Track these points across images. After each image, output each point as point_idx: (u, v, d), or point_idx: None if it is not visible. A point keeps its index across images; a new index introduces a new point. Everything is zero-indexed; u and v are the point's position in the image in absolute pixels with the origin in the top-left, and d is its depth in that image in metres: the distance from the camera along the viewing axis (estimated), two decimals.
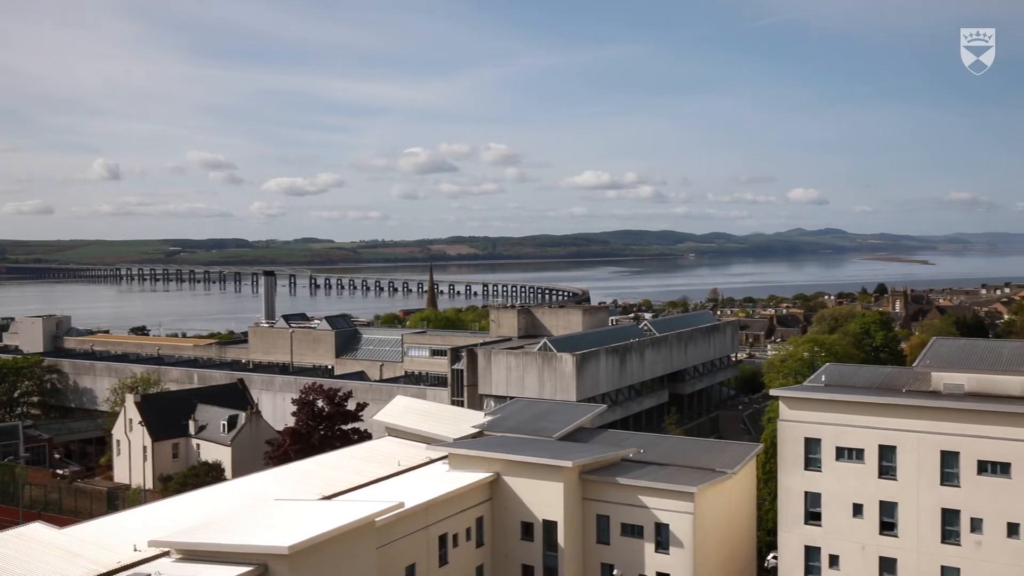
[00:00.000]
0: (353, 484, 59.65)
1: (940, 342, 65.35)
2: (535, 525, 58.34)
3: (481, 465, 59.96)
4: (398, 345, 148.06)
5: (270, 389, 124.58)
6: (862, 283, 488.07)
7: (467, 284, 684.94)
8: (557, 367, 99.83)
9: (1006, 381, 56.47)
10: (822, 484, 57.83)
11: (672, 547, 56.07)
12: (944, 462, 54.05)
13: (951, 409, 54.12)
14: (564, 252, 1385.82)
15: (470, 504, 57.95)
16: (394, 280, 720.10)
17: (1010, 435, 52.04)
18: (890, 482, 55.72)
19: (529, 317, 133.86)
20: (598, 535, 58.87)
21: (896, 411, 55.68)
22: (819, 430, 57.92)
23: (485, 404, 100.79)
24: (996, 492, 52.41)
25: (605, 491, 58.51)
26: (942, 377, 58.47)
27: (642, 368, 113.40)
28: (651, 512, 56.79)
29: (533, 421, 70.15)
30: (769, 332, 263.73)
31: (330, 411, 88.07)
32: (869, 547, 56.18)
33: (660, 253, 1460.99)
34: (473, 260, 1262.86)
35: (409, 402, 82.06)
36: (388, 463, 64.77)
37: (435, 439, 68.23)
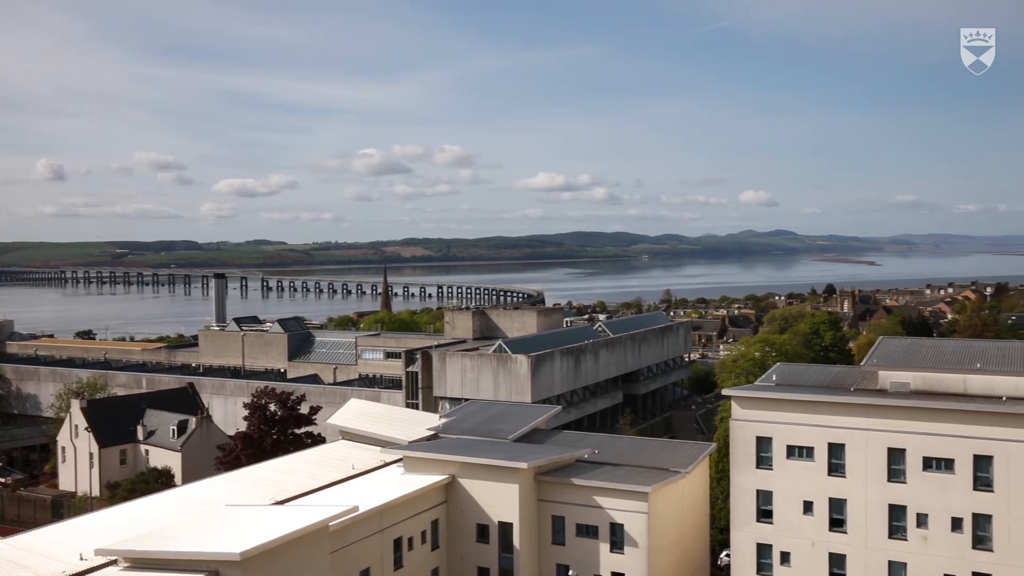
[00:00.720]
0: (307, 488, 59.01)
1: (887, 342, 66.77)
2: (491, 527, 58.26)
3: (436, 468, 59.72)
4: (352, 348, 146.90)
5: (221, 393, 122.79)
6: (811, 284, 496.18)
7: (421, 286, 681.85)
8: (512, 369, 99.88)
9: (950, 379, 57.84)
10: (773, 482, 58.65)
11: (627, 547, 56.41)
12: (891, 459, 55.15)
13: (897, 407, 55.25)
14: (519, 254, 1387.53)
15: (425, 507, 57.69)
16: (348, 282, 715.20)
17: (953, 432, 53.31)
18: (839, 479, 56.70)
19: (484, 319, 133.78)
20: (553, 536, 58.99)
21: (844, 409, 56.69)
22: (770, 429, 58.73)
23: (440, 406, 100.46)
24: (941, 488, 53.64)
25: (560, 492, 58.66)
26: (889, 376, 59.68)
27: (596, 369, 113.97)
28: (606, 512, 57.09)
29: (488, 423, 70.10)
30: (721, 332, 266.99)
31: (283, 415, 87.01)
32: (819, 544, 57.13)
33: (614, 255, 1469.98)
34: (427, 262, 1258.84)
35: (363, 405, 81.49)
36: (342, 467, 64.20)
37: (390, 442, 67.80)
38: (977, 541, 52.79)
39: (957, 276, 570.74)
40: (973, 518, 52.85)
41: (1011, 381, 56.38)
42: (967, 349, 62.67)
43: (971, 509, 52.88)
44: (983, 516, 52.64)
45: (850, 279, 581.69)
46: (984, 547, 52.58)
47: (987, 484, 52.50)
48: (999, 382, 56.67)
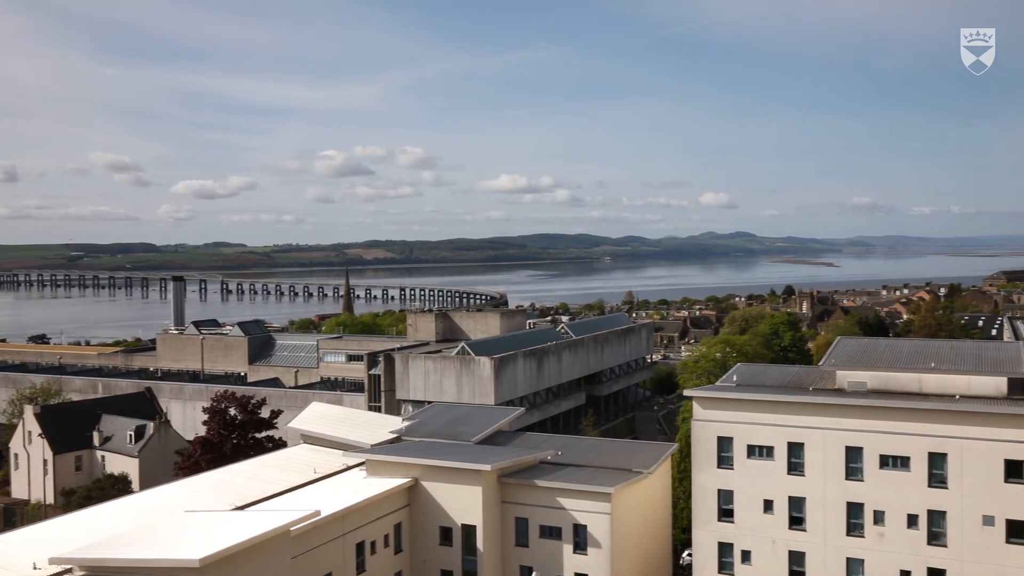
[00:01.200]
0: (267, 493, 58.39)
1: (844, 342, 67.80)
2: (454, 530, 58.12)
3: (399, 471, 59.45)
4: (313, 351, 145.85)
5: (180, 398, 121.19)
6: (771, 285, 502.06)
7: (384, 288, 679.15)
8: (475, 371, 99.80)
9: (905, 378, 58.87)
10: (734, 481, 59.23)
11: (590, 547, 56.60)
12: (849, 457, 55.97)
13: (854, 406, 56.09)
14: (481, 256, 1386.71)
15: (388, 510, 57.39)
16: (309, 285, 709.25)
17: (909, 430, 54.26)
18: (799, 478, 57.41)
19: (447, 321, 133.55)
20: (517, 538, 58.99)
21: (803, 409, 57.42)
22: (731, 429, 59.31)
23: (403, 409, 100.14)
24: (897, 485, 54.56)
25: (524, 494, 58.69)
26: (846, 375, 60.59)
27: (559, 371, 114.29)
28: (569, 513, 57.22)
29: (451, 425, 69.95)
30: (683, 333, 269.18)
31: (243, 419, 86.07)
32: (779, 541, 57.79)
33: (577, 256, 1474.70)
34: (390, 264, 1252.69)
35: (325, 408, 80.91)
36: (304, 471, 63.63)
37: (352, 445, 67.37)
38: (932, 537, 53.76)
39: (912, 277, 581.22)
40: (928, 514, 53.82)
41: (964, 380, 57.52)
42: (922, 349, 63.84)
43: (926, 506, 53.84)
44: (937, 512, 53.63)
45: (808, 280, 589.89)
46: (939, 543, 53.57)
47: (941, 481, 53.50)
48: (952, 381, 57.79)
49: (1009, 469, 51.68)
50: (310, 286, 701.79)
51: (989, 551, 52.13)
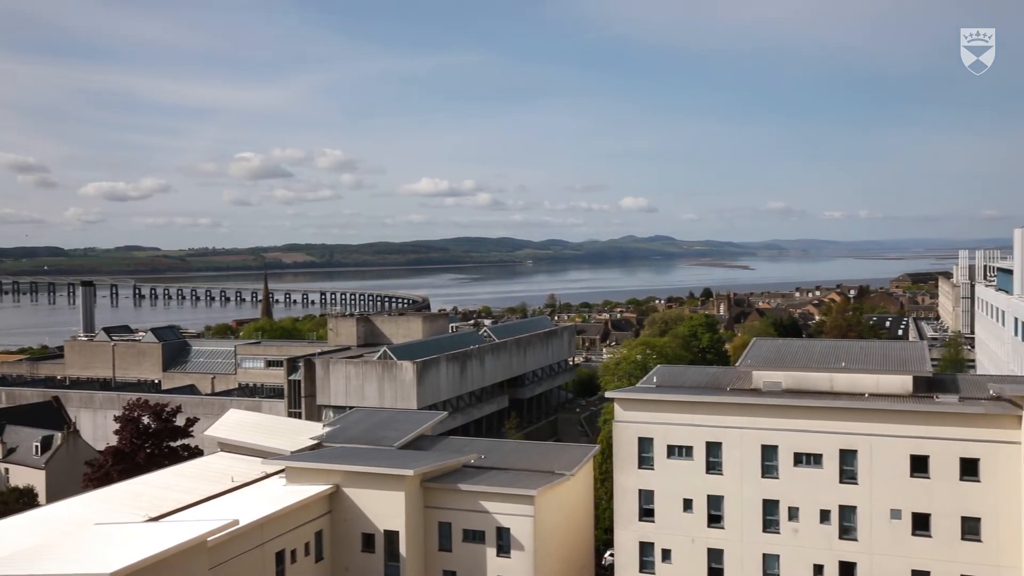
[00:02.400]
0: (183, 503, 56.81)
1: (760, 343, 69.47)
2: (376, 536, 57.54)
3: (320, 477, 58.59)
4: (231, 356, 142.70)
5: (90, 407, 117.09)
6: (690, 287, 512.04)
7: (304, 292, 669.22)
8: (397, 375, 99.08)
9: (817, 378, 60.68)
10: (655, 481, 60.12)
11: (513, 550, 56.71)
12: (764, 456, 57.41)
13: (770, 406, 57.56)
14: (403, 259, 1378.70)
15: (308, 518, 56.48)
16: (226, 289, 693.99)
17: (821, 428, 55.96)
18: (717, 477, 58.62)
19: (368, 325, 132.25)
20: (440, 542, 58.74)
21: (721, 409, 58.67)
22: (651, 430, 60.19)
23: (324, 415, 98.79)
24: (810, 482, 56.19)
25: (447, 498, 58.47)
26: (762, 376, 62.12)
27: (482, 374, 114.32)
28: (492, 517, 57.23)
29: (373, 430, 69.28)
30: (604, 336, 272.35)
31: (157, 427, 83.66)
32: (698, 540, 58.88)
33: (499, 260, 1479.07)
34: (310, 268, 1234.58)
35: (243, 415, 79.15)
36: (221, 480, 62.14)
37: (271, 453, 66.12)
38: (843, 532, 55.55)
39: (823, 279, 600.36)
40: (840, 510, 55.57)
41: (872, 379, 59.60)
42: (833, 349, 65.88)
43: (838, 501, 55.59)
44: (849, 507, 55.42)
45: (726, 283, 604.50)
46: (850, 537, 55.37)
47: (852, 477, 55.32)
48: (862, 380, 59.81)
49: (914, 464, 53.76)
50: (227, 291, 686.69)
51: (896, 543, 54.13)
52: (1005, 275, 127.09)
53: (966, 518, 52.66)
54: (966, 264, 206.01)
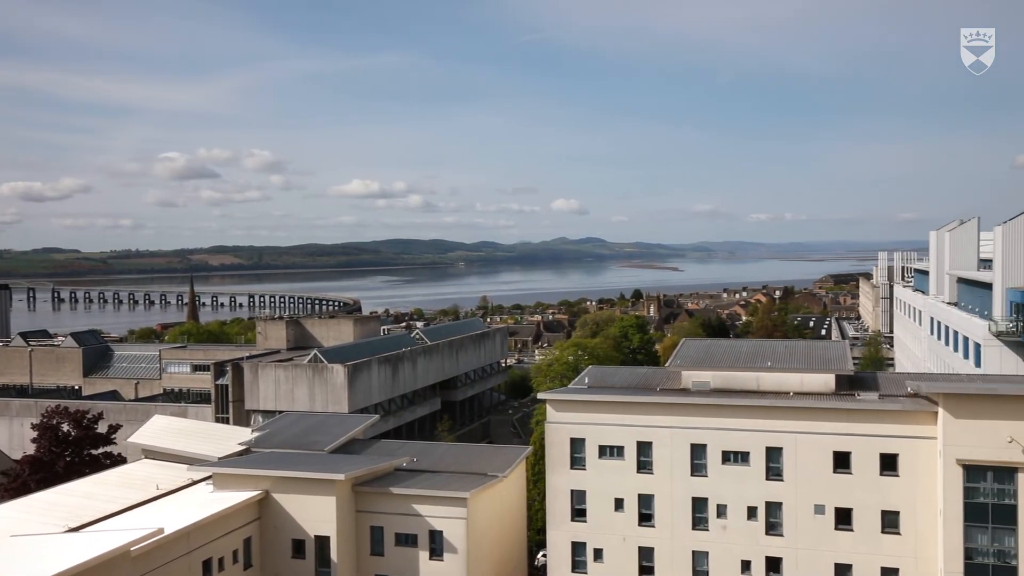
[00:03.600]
0: (105, 512, 55.10)
1: (689, 343, 70.63)
2: (307, 542, 56.73)
3: (248, 483, 57.52)
4: (155, 361, 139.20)
5: (5, 415, 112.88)
6: (620, 289, 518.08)
7: (232, 295, 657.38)
8: (328, 378, 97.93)
9: (745, 377, 61.96)
10: (587, 482, 60.58)
11: (446, 553, 56.52)
12: (694, 454, 58.35)
13: (698, 405, 58.54)
14: (334, 261, 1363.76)
15: (236, 525, 55.39)
16: (151, 292, 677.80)
17: (748, 426, 57.14)
18: (647, 476, 59.35)
19: (298, 328, 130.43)
20: (372, 547, 58.20)
21: (651, 409, 59.43)
22: (583, 430, 60.65)
23: (252, 420, 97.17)
24: (737, 479, 57.32)
25: (379, 502, 58.01)
26: (691, 375, 63.14)
27: (414, 377, 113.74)
28: (425, 520, 56.96)
29: (304, 435, 68.36)
30: (536, 337, 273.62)
31: (77, 435, 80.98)
32: (630, 538, 59.54)
33: (431, 262, 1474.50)
34: (238, 270, 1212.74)
35: (168, 421, 77.28)
36: (146, 487, 60.51)
37: (198, 459, 64.71)
38: (770, 527, 56.79)
39: (750, 281, 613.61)
40: (766, 506, 56.80)
41: (797, 378, 61.09)
42: (759, 349, 67.34)
43: (764, 498, 56.83)
44: (775, 504, 56.70)
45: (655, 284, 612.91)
46: (776, 533, 56.64)
47: (778, 474, 56.62)
48: (787, 379, 61.25)
49: (837, 460, 55.28)
50: (151, 294, 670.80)
51: (820, 538, 55.57)
52: (921, 276, 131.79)
53: (886, 512, 54.38)
54: (885, 265, 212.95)
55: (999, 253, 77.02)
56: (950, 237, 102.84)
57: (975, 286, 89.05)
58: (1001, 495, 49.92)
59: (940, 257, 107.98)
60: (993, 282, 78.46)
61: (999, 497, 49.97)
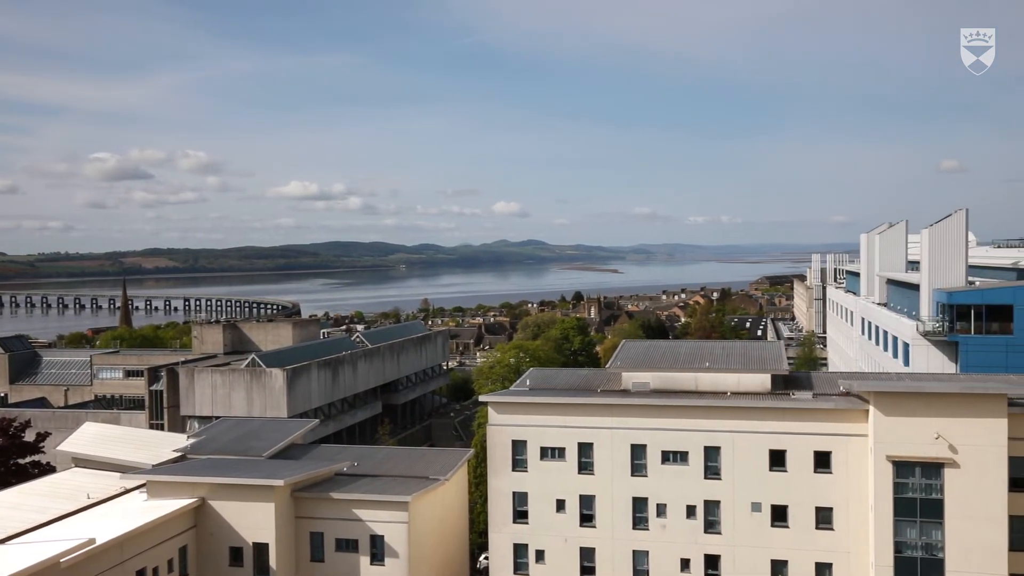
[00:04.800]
0: (33, 523, 53.37)
1: (629, 344, 71.33)
2: (245, 549, 55.82)
3: (183, 491, 56.38)
4: (86, 367, 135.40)
5: None
6: (561, 291, 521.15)
7: (166, 299, 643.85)
8: (266, 383, 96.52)
9: (683, 378, 62.79)
10: (528, 483, 60.75)
11: (388, 558, 56.16)
12: (634, 455, 58.95)
13: (638, 406, 59.17)
14: (272, 264, 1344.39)
15: (171, 533, 54.24)
16: (81, 296, 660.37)
17: (687, 426, 57.95)
18: (588, 477, 59.77)
19: (236, 332, 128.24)
20: (312, 553, 57.57)
21: (592, 410, 59.88)
22: (525, 432, 60.82)
23: (188, 426, 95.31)
24: (677, 479, 58.07)
25: (319, 507, 57.38)
26: (631, 377, 63.77)
27: (355, 380, 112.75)
28: (366, 525, 56.53)
29: (241, 440, 67.26)
30: (478, 340, 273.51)
31: (3, 444, 78.53)
32: (571, 539, 59.88)
33: (372, 264, 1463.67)
34: (173, 273, 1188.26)
35: (100, 429, 75.25)
36: (76, 497, 58.84)
37: (131, 467, 63.20)
38: (708, 526, 57.66)
39: (688, 282, 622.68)
40: (705, 505, 57.68)
41: (734, 378, 62.15)
42: (698, 349, 68.32)
43: (703, 497, 57.69)
44: (713, 502, 57.61)
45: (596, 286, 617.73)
46: (714, 531, 57.54)
47: (716, 473, 57.53)
48: (724, 379, 62.27)
49: (773, 458, 56.42)
50: (82, 297, 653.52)
51: (757, 535, 56.62)
52: (853, 278, 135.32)
53: (820, 508, 55.66)
54: (818, 267, 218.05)
55: (926, 255, 79.50)
56: (879, 240, 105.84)
57: (903, 287, 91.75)
58: (928, 490, 51.50)
59: (870, 259, 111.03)
60: (920, 283, 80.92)
61: (926, 492, 51.54)
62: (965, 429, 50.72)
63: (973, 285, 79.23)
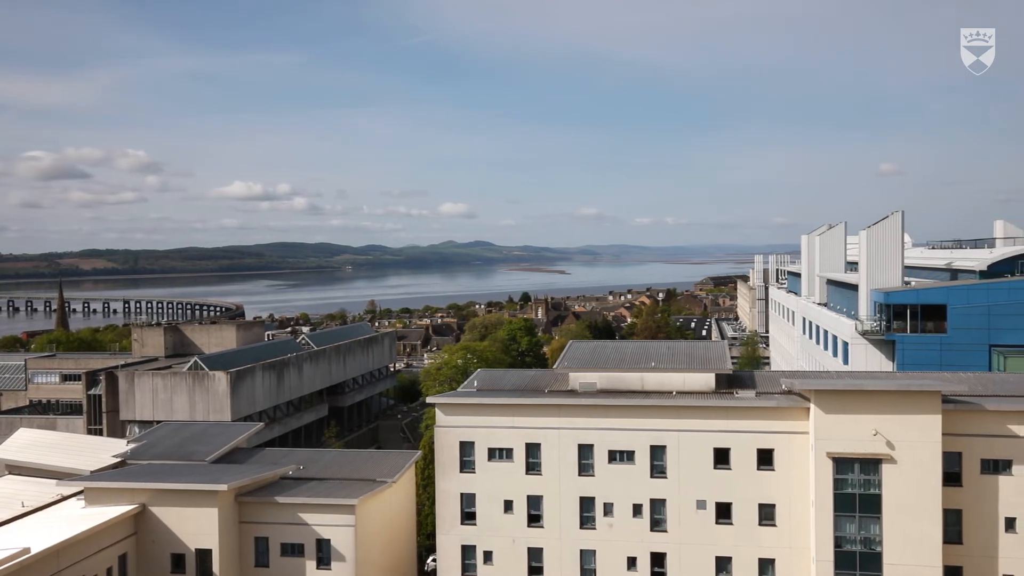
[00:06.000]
0: None
1: (576, 345, 71.70)
2: (187, 556, 54.82)
3: (123, 497, 55.16)
4: (21, 371, 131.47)
5: None
6: (509, 292, 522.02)
7: (105, 301, 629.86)
8: (210, 386, 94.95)
9: (630, 378, 63.34)
10: (476, 485, 60.67)
11: (334, 562, 55.66)
12: (581, 454, 59.26)
13: (585, 406, 59.51)
14: (215, 266, 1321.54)
15: (111, 541, 53.00)
16: (15, 299, 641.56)
17: (633, 426, 58.46)
18: (536, 477, 59.92)
19: (177, 335, 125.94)
20: (257, 559, 56.78)
21: (539, 411, 60.06)
22: (472, 433, 60.75)
23: (128, 431, 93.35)
24: (623, 478, 58.53)
25: (263, 512, 56.61)
26: (578, 377, 64.12)
27: (300, 383, 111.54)
28: (312, 529, 55.94)
29: (184, 445, 66.05)
30: (425, 341, 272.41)
31: None
32: (519, 540, 59.97)
33: (317, 266, 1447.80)
34: (112, 275, 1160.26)
35: (35, 434, 73.26)
36: (10, 505, 57.18)
37: (68, 473, 61.66)
38: (654, 524, 58.22)
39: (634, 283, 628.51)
40: (651, 503, 58.22)
41: (679, 377, 62.86)
42: (644, 350, 68.98)
43: (649, 495, 58.24)
44: (659, 500, 58.19)
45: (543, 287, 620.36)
46: (660, 529, 58.12)
47: (661, 471, 58.12)
48: (670, 378, 62.94)
49: (717, 456, 57.20)
50: (16, 300, 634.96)
51: (702, 532, 57.34)
52: (794, 278, 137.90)
53: (763, 505, 56.59)
54: (760, 268, 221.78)
55: (864, 256, 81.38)
56: (820, 241, 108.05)
57: (843, 287, 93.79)
58: (867, 485, 52.72)
59: (811, 260, 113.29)
60: (859, 283, 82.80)
61: (865, 487, 52.75)
62: (902, 426, 52.05)
63: (909, 285, 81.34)
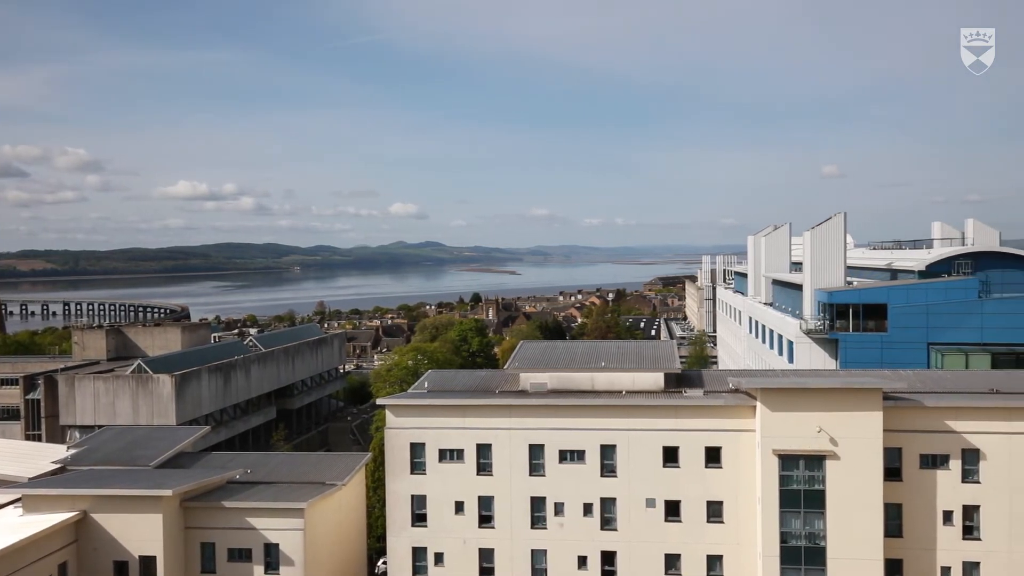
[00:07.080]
0: None
1: (526, 345, 71.84)
2: (131, 563, 53.68)
3: (63, 504, 53.79)
4: None
5: None
6: (459, 293, 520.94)
7: (44, 303, 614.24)
8: (154, 390, 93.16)
9: (580, 378, 63.67)
10: (427, 486, 60.42)
11: (283, 566, 54.99)
12: (532, 454, 59.36)
13: (536, 406, 59.64)
14: (159, 267, 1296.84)
15: (50, 549, 51.67)
16: None
17: (583, 425, 58.75)
18: (487, 478, 59.87)
19: (120, 337, 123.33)
20: (203, 564, 55.85)
21: (490, 411, 60.01)
22: (423, 435, 60.49)
23: (69, 436, 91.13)
24: (574, 477, 58.78)
25: (210, 517, 55.70)
26: (529, 377, 64.24)
27: (248, 385, 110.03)
28: (260, 533, 55.19)
29: (127, 450, 64.70)
30: (375, 343, 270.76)
31: None
32: (470, 541, 59.85)
33: (265, 267, 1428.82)
34: (51, 276, 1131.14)
35: None
36: None
37: (5, 480, 60.03)
38: (604, 523, 58.58)
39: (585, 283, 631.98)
40: (601, 502, 58.56)
41: (629, 377, 63.36)
42: (594, 350, 69.38)
43: (599, 494, 58.56)
44: (609, 499, 58.56)
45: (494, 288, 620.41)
46: (610, 527, 58.50)
47: (612, 470, 58.50)
48: (620, 378, 63.42)
49: (666, 455, 57.76)
50: None
51: (652, 530, 57.85)
52: (741, 279, 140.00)
53: (711, 502, 57.31)
54: (708, 268, 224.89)
55: (808, 257, 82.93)
56: (765, 242, 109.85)
57: (788, 287, 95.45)
58: (811, 481, 53.71)
59: (757, 260, 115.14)
60: (803, 283, 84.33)
61: (809, 483, 53.74)
62: (844, 423, 53.13)
63: (851, 285, 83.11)
